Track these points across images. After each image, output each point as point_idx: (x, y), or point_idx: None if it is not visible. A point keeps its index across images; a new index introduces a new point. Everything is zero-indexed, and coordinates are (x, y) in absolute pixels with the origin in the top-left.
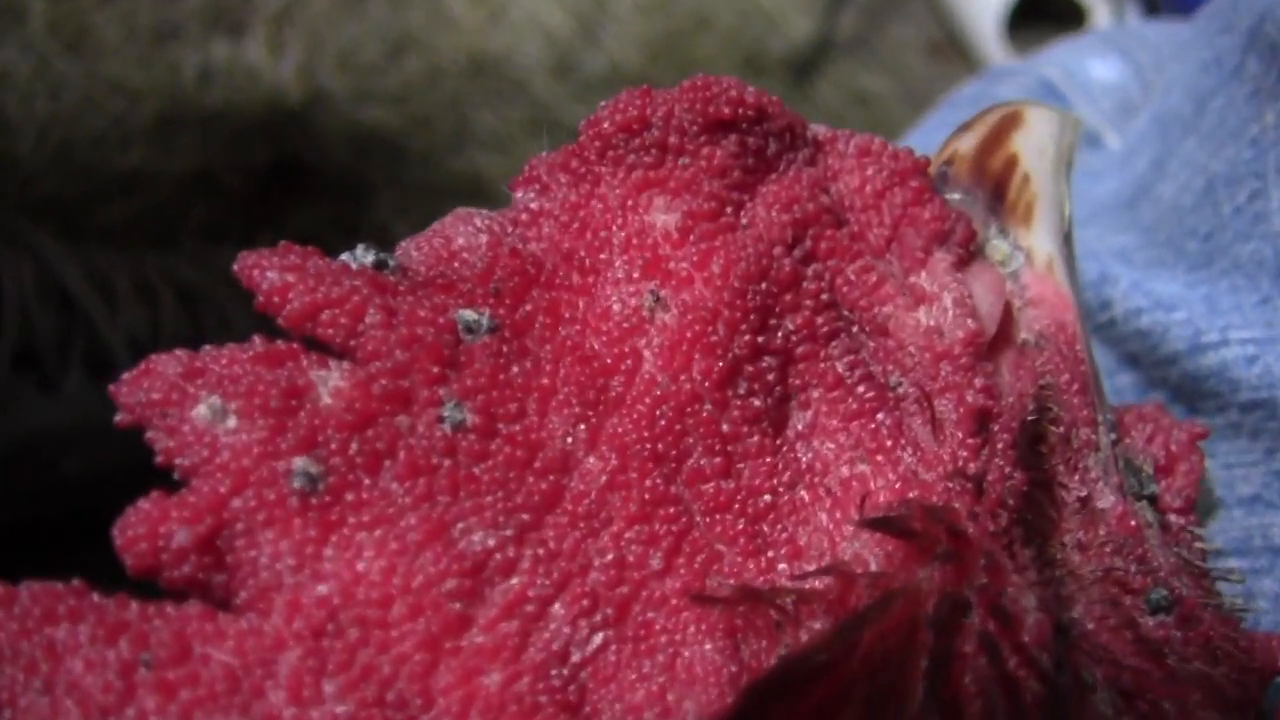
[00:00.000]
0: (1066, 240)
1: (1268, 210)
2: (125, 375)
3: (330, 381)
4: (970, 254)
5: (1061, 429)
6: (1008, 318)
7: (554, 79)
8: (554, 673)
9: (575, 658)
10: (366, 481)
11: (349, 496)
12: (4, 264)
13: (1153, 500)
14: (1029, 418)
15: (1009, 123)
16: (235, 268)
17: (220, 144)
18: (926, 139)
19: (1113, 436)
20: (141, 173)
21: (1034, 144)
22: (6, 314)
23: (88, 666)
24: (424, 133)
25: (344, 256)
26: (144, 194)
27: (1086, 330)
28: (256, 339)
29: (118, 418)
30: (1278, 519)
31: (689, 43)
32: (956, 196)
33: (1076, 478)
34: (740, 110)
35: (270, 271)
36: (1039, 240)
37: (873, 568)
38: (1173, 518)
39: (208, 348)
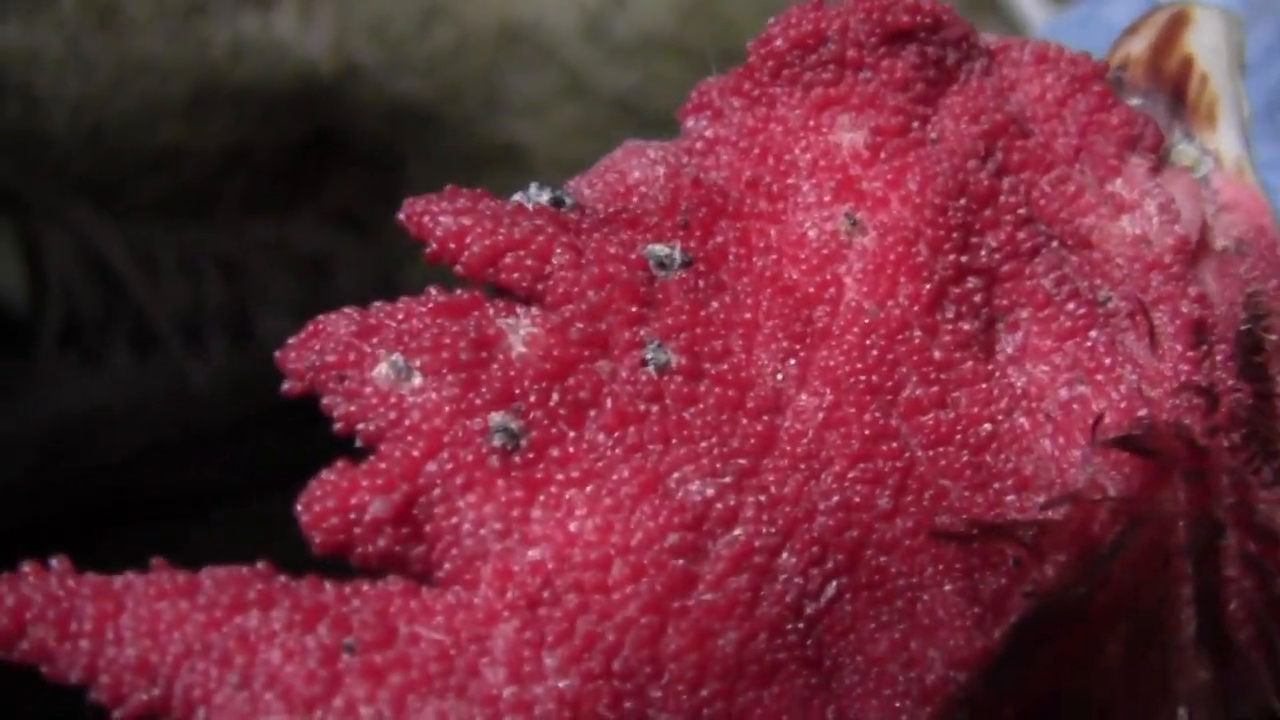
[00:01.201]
0: (1248, 143)
1: None
2: (291, 339)
3: (521, 329)
4: (1160, 160)
5: (1275, 337)
6: (1204, 224)
7: (584, 43)
8: (790, 628)
9: (810, 610)
10: (571, 434)
11: (554, 452)
12: (45, 241)
13: None
14: (1245, 328)
15: (1178, 22)
16: (402, 216)
17: (253, 118)
18: None
19: None
20: (176, 149)
21: (1207, 42)
22: (50, 291)
23: (286, 656)
24: (456, 102)
25: (517, 196)
26: (179, 170)
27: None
28: (432, 289)
29: (286, 386)
30: None
31: (720, 1)
32: (1136, 101)
33: None
34: (918, 18)
35: (444, 217)
36: (1226, 142)
37: (1112, 493)
38: None
39: (379, 303)
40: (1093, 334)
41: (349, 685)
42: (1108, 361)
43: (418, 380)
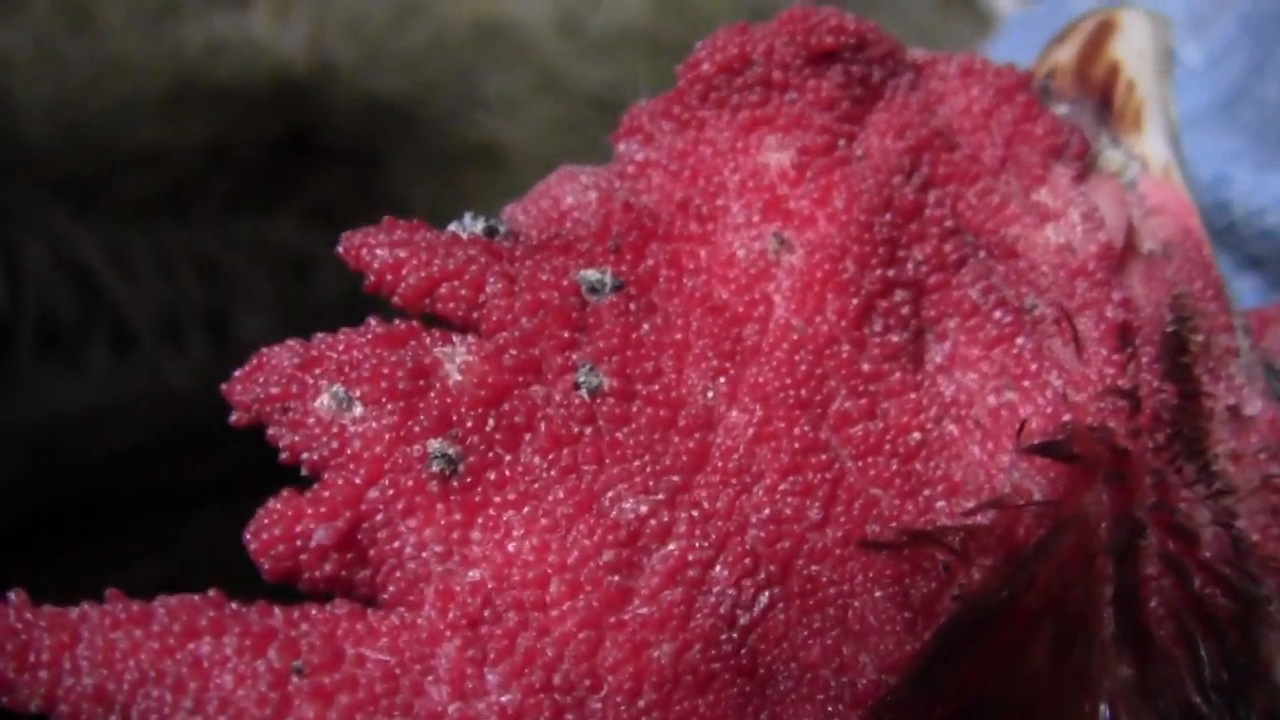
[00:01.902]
0: (1176, 145)
1: None
2: (237, 373)
3: (458, 357)
4: (1086, 167)
5: (1201, 337)
6: (1130, 228)
7: (560, 39)
8: (724, 638)
9: (743, 620)
10: (508, 458)
11: (491, 475)
12: (22, 244)
13: None
14: (1169, 329)
15: (1105, 30)
16: (340, 250)
17: (230, 117)
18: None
19: (1249, 341)
20: (154, 149)
21: (1133, 49)
22: (27, 294)
23: (239, 680)
24: (433, 99)
25: (451, 226)
26: (158, 170)
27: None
28: (372, 320)
29: (233, 417)
30: None
31: None
32: (1064, 109)
33: (1222, 385)
34: (842, 39)
35: (380, 249)
36: (1153, 146)
37: (1037, 497)
38: None
39: (321, 335)
40: (1019, 341)
41: (299, 707)
42: (1034, 368)
43: (358, 410)
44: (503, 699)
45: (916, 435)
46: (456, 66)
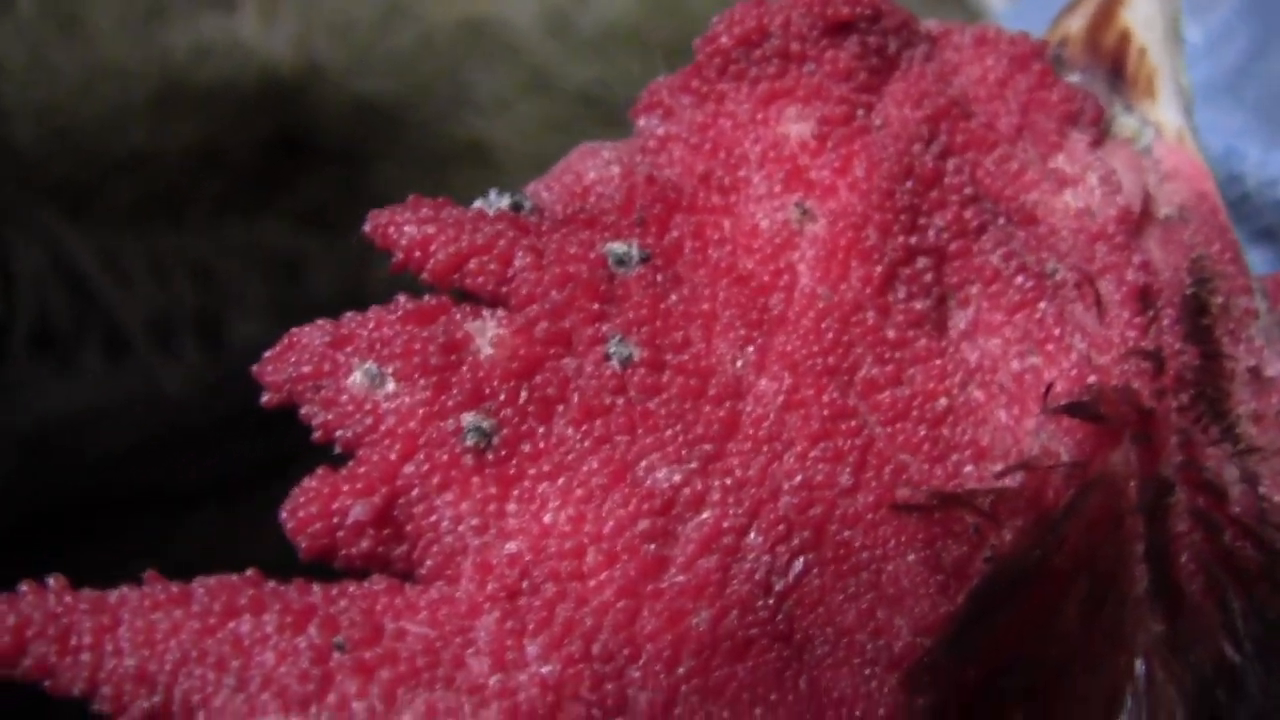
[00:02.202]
0: (1188, 112)
1: None
2: (267, 353)
3: (488, 331)
4: (1102, 133)
5: (1220, 299)
6: (1146, 194)
7: (547, 38)
8: (760, 604)
9: (779, 586)
10: (541, 430)
11: (525, 447)
12: (15, 249)
13: None
14: (1190, 291)
15: None
16: (368, 227)
17: (219, 120)
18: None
19: (1266, 304)
20: (144, 153)
21: (1144, 16)
22: (21, 298)
23: (280, 657)
24: (421, 100)
25: (478, 203)
26: (149, 173)
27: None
28: (401, 297)
29: (265, 398)
30: None
31: None
32: (1076, 77)
33: (1242, 347)
34: (858, 10)
35: (408, 226)
36: (1166, 112)
37: (1064, 459)
38: None
39: (351, 313)
40: (1042, 305)
41: (341, 682)
42: (1057, 331)
43: (391, 386)
44: (543, 669)
45: (943, 401)
46: (445, 67)
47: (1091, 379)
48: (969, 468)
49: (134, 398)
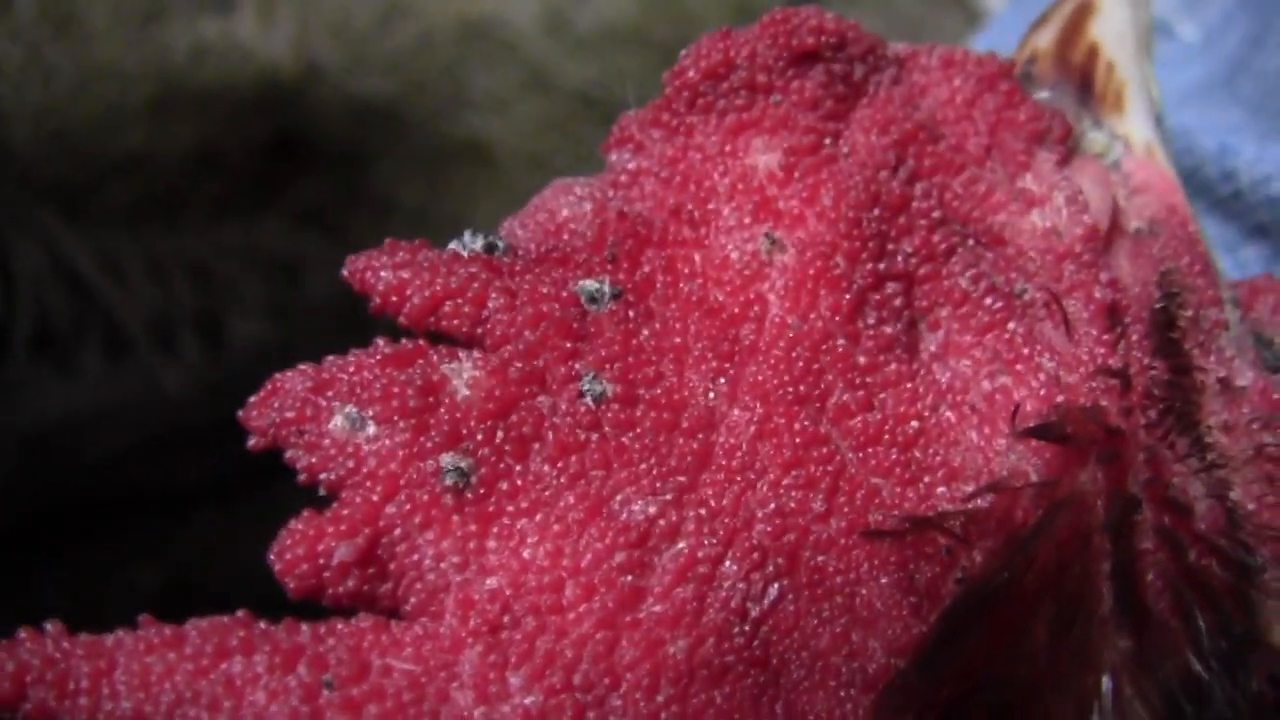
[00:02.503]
0: (1158, 123)
1: None
2: (251, 399)
3: (464, 373)
4: (1070, 150)
5: (1190, 312)
6: (1116, 208)
7: (546, 37)
8: (736, 631)
9: (754, 613)
10: (518, 468)
11: (503, 485)
12: (15, 250)
13: None
14: (1158, 306)
15: (1083, 12)
16: (345, 272)
17: (218, 121)
18: (994, 42)
19: (1238, 313)
20: (142, 154)
21: (1113, 29)
22: (21, 299)
23: (271, 696)
24: (420, 99)
25: (452, 245)
26: (146, 175)
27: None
28: (380, 341)
29: (251, 442)
30: None
31: None
32: (1045, 94)
33: (1212, 359)
34: (823, 38)
35: (384, 272)
36: (1135, 126)
37: (1033, 479)
38: None
39: (331, 358)
40: (1011, 326)
41: (330, 718)
42: (1026, 351)
43: (371, 429)
44: (526, 701)
45: (914, 424)
46: (443, 66)
47: (1060, 398)
48: (941, 489)
49: (134, 398)
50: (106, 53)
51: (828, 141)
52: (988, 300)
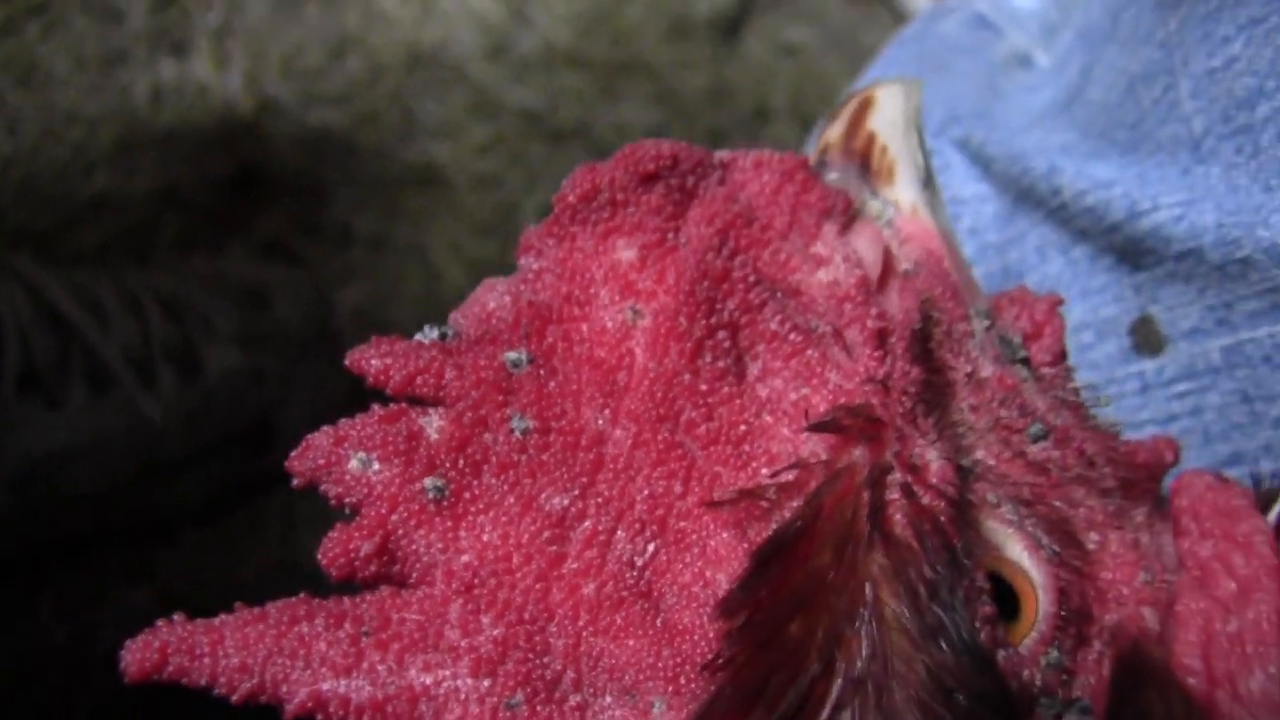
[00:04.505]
0: (928, 184)
1: (1179, 99)
2: (293, 454)
3: (434, 423)
4: (852, 217)
5: (943, 327)
6: (890, 256)
7: (490, 62)
8: (628, 576)
9: (639, 562)
10: (475, 482)
11: (466, 495)
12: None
13: (1026, 361)
14: (917, 326)
15: (863, 107)
16: (348, 363)
17: (180, 160)
18: (882, 72)
19: (987, 322)
20: (108, 195)
21: (885, 119)
22: (7, 341)
23: (329, 645)
24: (372, 128)
25: (417, 336)
26: (113, 216)
27: (956, 248)
28: (375, 407)
29: (295, 482)
30: (1213, 344)
31: (616, 12)
32: (834, 175)
33: (962, 359)
34: (661, 162)
35: (374, 359)
36: (903, 193)
37: (822, 458)
38: (1045, 370)
39: (344, 420)
40: (809, 353)
41: (368, 654)
42: (820, 370)
43: (376, 466)
44: (494, 632)
45: (743, 427)
46: (392, 95)
47: (841, 401)
48: (763, 470)
49: (118, 429)
50: (69, 98)
51: (670, 236)
52: (792, 336)
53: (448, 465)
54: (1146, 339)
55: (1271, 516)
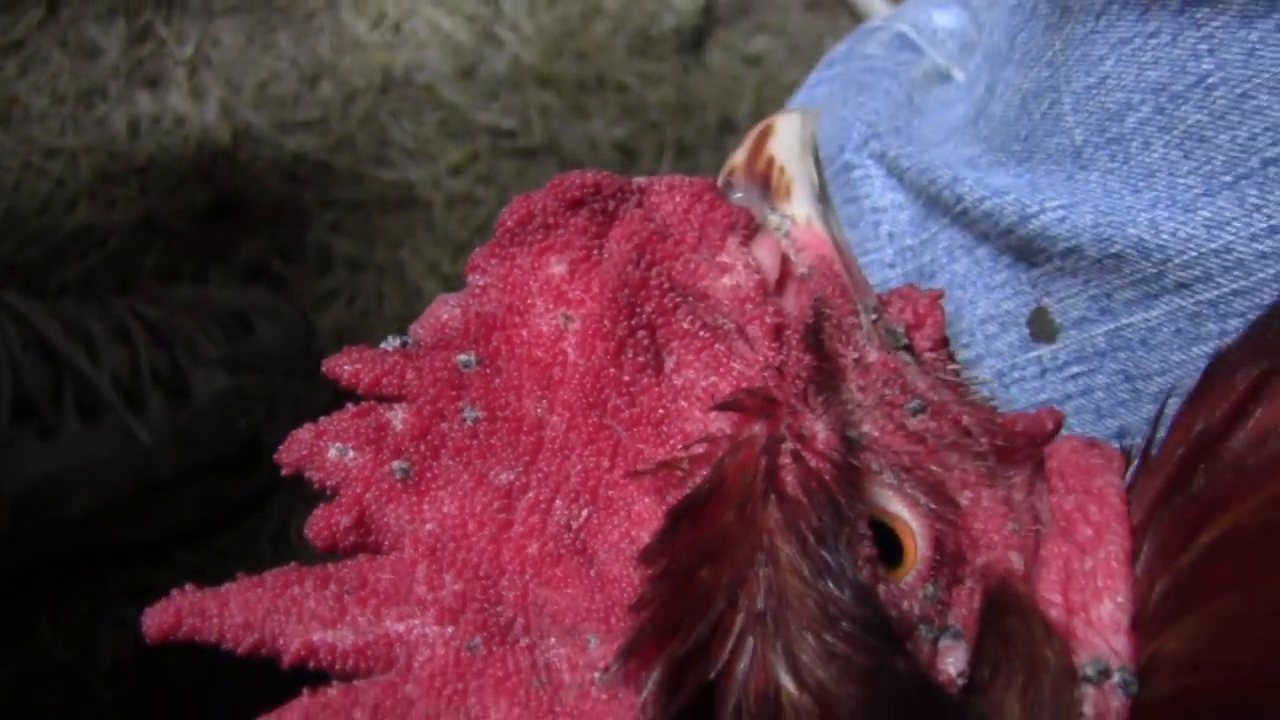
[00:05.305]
0: (822, 198)
1: (1063, 113)
2: (280, 448)
3: (399, 416)
4: (754, 231)
5: (834, 321)
6: (788, 262)
7: (461, 82)
8: (566, 536)
9: (575, 525)
10: (434, 463)
11: (428, 474)
12: None
13: (909, 348)
14: (810, 321)
15: (765, 134)
16: (324, 370)
17: (160, 190)
18: (809, 95)
19: (874, 316)
20: (91, 227)
21: (784, 144)
22: (1, 373)
23: (318, 602)
24: (348, 151)
25: (382, 345)
26: (96, 248)
27: (848, 254)
28: (349, 404)
29: (283, 471)
30: (1098, 330)
31: (582, 29)
32: (739, 195)
33: (850, 348)
34: (585, 190)
35: (346, 366)
36: (798, 207)
37: (727, 433)
38: (927, 355)
39: (324, 417)
40: (717, 346)
41: (350, 609)
42: (726, 361)
43: (351, 454)
44: (455, 587)
45: (661, 411)
46: (366, 119)
47: (743, 385)
48: (679, 446)
49: (110, 455)
50: (49, 134)
51: (595, 252)
52: (702, 333)
53: (411, 450)
54: (1042, 328)
55: (1128, 474)
